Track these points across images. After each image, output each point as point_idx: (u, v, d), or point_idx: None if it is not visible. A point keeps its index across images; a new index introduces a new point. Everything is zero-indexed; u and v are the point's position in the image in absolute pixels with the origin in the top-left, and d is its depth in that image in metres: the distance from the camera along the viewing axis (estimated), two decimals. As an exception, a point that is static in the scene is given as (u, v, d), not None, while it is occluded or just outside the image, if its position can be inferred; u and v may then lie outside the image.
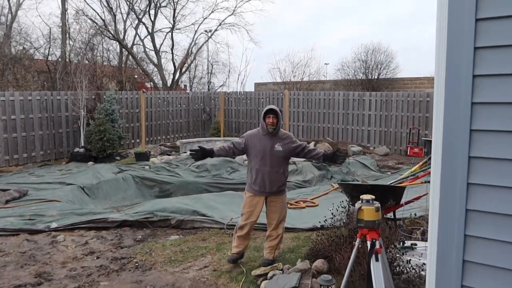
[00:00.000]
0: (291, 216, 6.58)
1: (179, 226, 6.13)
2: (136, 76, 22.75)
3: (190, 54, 24.22)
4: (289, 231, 5.86)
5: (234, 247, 4.68)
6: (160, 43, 23.88)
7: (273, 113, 4.44)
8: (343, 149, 12.97)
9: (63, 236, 5.70)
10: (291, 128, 15.18)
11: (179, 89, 23.10)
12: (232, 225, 5.64)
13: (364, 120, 13.92)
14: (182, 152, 12.64)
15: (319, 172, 9.84)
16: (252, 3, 40.44)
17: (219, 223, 6.03)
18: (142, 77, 24.07)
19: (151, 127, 14.90)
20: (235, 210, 6.39)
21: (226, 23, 24.11)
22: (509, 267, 2.00)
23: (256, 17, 37.58)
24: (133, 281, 4.40)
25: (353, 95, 14.43)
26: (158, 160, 11.29)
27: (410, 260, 3.84)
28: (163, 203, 6.97)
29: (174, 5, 23.12)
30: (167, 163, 10.57)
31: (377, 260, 2.96)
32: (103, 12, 22.03)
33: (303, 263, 4.18)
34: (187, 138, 15.36)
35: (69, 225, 6.05)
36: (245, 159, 8.81)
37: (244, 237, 4.62)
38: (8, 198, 7.37)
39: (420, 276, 3.67)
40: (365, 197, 3.09)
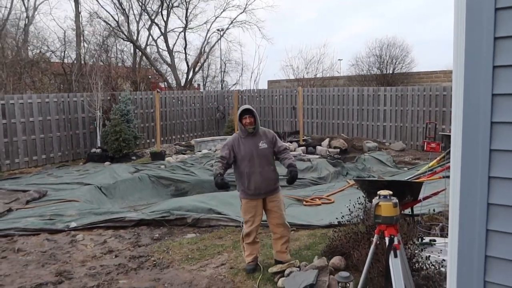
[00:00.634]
0: (306, 213, 6.56)
1: (195, 225, 6.17)
2: (150, 77, 22.96)
3: (203, 53, 24.33)
4: (305, 228, 5.84)
5: (247, 256, 4.53)
6: (173, 43, 24.09)
7: (248, 113, 4.32)
8: (358, 145, 12.87)
9: (82, 235, 5.79)
10: (306, 125, 15.12)
11: (192, 89, 23.23)
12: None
13: (379, 116, 13.77)
14: (197, 151, 12.70)
15: (334, 169, 9.77)
16: (263, 0, 40.31)
17: (235, 221, 6.03)
18: (156, 77, 24.28)
19: (166, 126, 15.01)
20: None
21: (237, 21, 24.19)
22: (533, 263, 1.94)
23: (267, 13, 37.59)
24: (151, 279, 4.44)
25: (367, 90, 14.28)
26: (174, 159, 11.37)
27: (429, 256, 3.78)
28: (179, 202, 7.02)
29: (186, 4, 23.28)
30: (182, 162, 10.64)
31: (395, 256, 2.92)
32: (116, 14, 22.28)
33: (320, 260, 4.16)
34: (201, 137, 15.43)
35: (87, 224, 6.14)
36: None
37: (253, 243, 4.50)
38: (28, 198, 7.53)
39: (440, 272, 3.61)
40: (382, 192, 3.05)
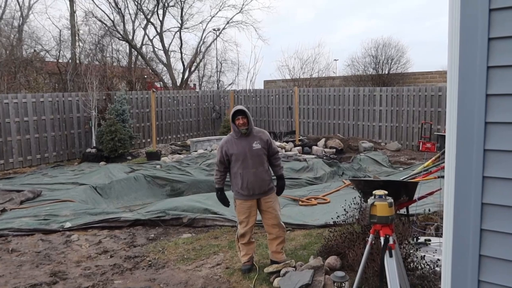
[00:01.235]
0: (302, 213, 6.57)
1: (191, 225, 6.16)
2: (145, 76, 22.88)
3: (199, 53, 24.29)
4: (301, 228, 5.84)
5: (243, 256, 4.53)
6: (169, 43, 24.03)
7: (241, 113, 4.30)
8: (354, 145, 12.90)
9: (77, 236, 5.76)
10: (302, 125, 15.13)
11: (188, 88, 23.18)
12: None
13: (375, 116, 13.81)
14: (193, 151, 12.68)
15: (330, 169, 9.79)
16: (259, 0, 40.36)
17: (231, 221, 6.03)
18: (152, 77, 24.20)
19: (162, 126, 14.98)
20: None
21: (233, 21, 24.15)
22: (527, 262, 1.96)
23: (263, 14, 37.56)
24: (146, 279, 4.43)
25: (363, 90, 14.32)
26: (169, 159, 11.34)
27: (424, 256, 3.80)
28: (174, 202, 7.00)
29: (181, 4, 23.21)
30: (178, 162, 10.62)
31: (391, 256, 2.93)
32: (112, 13, 22.21)
33: (315, 260, 4.16)
34: (197, 137, 15.40)
35: (82, 224, 6.12)
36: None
37: (248, 243, 4.51)
38: (22, 199, 7.48)
39: (434, 272, 3.63)
40: (378, 192, 3.06)
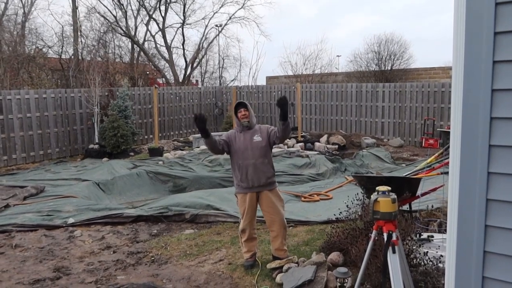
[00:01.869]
0: (305, 209, 6.57)
1: (193, 220, 6.17)
2: (148, 72, 22.88)
3: (201, 49, 24.26)
4: (303, 224, 5.84)
5: (245, 252, 4.54)
6: (171, 39, 23.99)
7: (243, 106, 4.44)
8: (356, 141, 12.88)
9: (80, 231, 5.78)
10: (304, 121, 15.11)
11: (190, 84, 23.17)
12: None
13: (377, 112, 13.77)
14: (195, 147, 12.68)
15: (332, 165, 9.78)
16: (262, -4, 40.16)
17: (234, 216, 6.04)
18: (154, 73, 24.19)
19: (164, 122, 14.98)
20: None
21: (236, 17, 24.08)
22: (532, 258, 1.94)
23: (266, 10, 37.35)
24: (149, 275, 4.44)
25: (366, 86, 14.27)
26: (172, 155, 11.35)
27: (427, 252, 3.79)
28: (177, 198, 7.01)
29: (183, 0, 23.14)
30: (180, 158, 10.63)
31: (394, 252, 2.92)
32: (114, 9, 22.17)
33: (318, 256, 4.16)
34: (199, 133, 15.38)
35: (85, 220, 6.13)
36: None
37: (251, 239, 4.51)
38: (26, 194, 7.50)
39: (437, 268, 3.62)
40: (381, 188, 3.04)
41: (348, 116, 14.42)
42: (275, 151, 10.10)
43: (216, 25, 24.46)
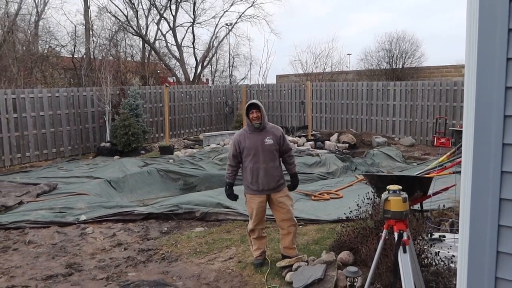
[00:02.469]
0: (315, 208, 6.55)
1: (203, 218, 6.19)
2: (158, 71, 23.00)
3: (212, 48, 24.31)
4: (313, 222, 5.83)
5: (255, 250, 4.54)
6: (182, 38, 24.11)
7: (255, 107, 4.32)
8: (367, 140, 12.79)
9: (92, 228, 5.84)
10: (314, 120, 15.05)
11: (201, 83, 23.24)
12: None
13: (388, 111, 13.65)
14: (205, 145, 12.73)
15: (343, 164, 9.73)
16: (271, -6, 40.03)
17: (243, 215, 6.04)
18: (165, 71, 24.33)
19: (175, 121, 15.05)
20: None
21: (246, 15, 24.10)
22: (546, 259, 1.91)
23: (276, 8, 37.30)
24: (159, 272, 4.48)
25: (377, 85, 14.16)
26: (182, 153, 11.41)
27: (439, 252, 3.75)
28: (187, 197, 7.05)
29: (194, -1, 23.20)
30: (191, 156, 10.67)
31: (405, 251, 2.90)
32: (126, 8, 22.34)
33: (328, 255, 4.15)
34: (210, 132, 15.44)
35: (97, 217, 6.20)
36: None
37: (260, 238, 4.51)
38: (39, 191, 7.62)
39: (449, 268, 3.58)
40: (392, 187, 3.02)
41: (358, 114, 14.32)
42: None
43: (226, 24, 24.50)
